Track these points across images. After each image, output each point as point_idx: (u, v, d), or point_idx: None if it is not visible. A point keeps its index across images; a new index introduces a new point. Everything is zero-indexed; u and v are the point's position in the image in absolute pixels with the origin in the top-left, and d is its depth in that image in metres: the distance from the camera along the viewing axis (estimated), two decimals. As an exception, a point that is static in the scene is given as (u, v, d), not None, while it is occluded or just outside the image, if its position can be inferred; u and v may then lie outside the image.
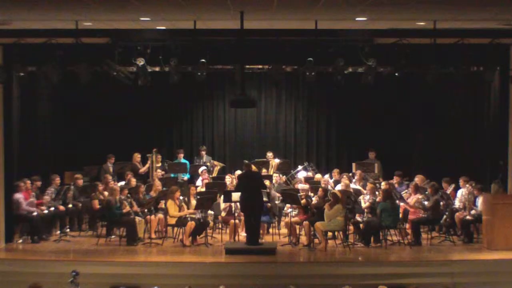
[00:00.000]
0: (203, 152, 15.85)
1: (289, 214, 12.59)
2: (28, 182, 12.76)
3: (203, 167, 14.77)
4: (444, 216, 12.56)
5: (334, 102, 16.91)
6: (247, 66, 11.89)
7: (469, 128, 14.91)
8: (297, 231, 12.30)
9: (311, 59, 11.43)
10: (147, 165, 15.06)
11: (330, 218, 11.67)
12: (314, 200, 12.42)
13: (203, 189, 13.44)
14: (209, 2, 9.53)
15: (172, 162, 15.45)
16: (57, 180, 13.39)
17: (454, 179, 13.25)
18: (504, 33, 11.46)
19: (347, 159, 16.37)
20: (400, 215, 12.27)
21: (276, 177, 14.31)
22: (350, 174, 14.37)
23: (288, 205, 12.83)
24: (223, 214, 12.86)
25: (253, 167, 12.57)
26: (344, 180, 13.44)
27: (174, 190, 12.43)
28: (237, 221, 12.43)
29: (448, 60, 11.51)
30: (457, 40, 11.44)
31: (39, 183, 13.11)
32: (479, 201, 12.26)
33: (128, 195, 12.66)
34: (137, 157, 15.20)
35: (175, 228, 12.46)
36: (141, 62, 11.51)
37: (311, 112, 17.15)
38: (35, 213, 12.31)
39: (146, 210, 12.71)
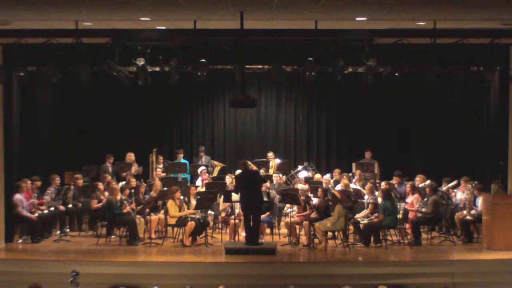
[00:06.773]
0: (202, 153, 15.82)
1: (289, 214, 12.58)
2: (29, 182, 12.77)
3: (203, 167, 14.76)
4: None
5: (334, 102, 16.90)
6: (247, 66, 11.88)
7: (469, 128, 14.91)
8: (297, 231, 12.30)
9: (311, 59, 11.42)
10: (139, 169, 15.03)
11: (334, 222, 11.68)
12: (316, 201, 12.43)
13: (203, 189, 13.45)
14: (209, 2, 9.53)
15: (172, 162, 15.45)
16: (57, 180, 13.38)
17: (454, 179, 13.26)
18: (504, 33, 11.46)
19: (347, 159, 16.36)
20: (400, 215, 12.28)
21: (276, 177, 14.30)
22: (350, 174, 14.36)
23: (288, 205, 12.82)
24: (222, 214, 12.87)
25: (251, 166, 12.38)
26: (344, 180, 13.42)
27: (174, 190, 12.43)
28: (237, 221, 12.43)
29: (448, 60, 11.51)
30: (457, 40, 11.44)
31: (39, 183, 13.10)
32: (479, 201, 12.26)
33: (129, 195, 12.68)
34: (131, 156, 15.16)
35: (175, 228, 12.46)
36: (141, 62, 11.50)
37: (311, 112, 17.14)
38: (36, 214, 12.32)
39: (146, 210, 12.72)
